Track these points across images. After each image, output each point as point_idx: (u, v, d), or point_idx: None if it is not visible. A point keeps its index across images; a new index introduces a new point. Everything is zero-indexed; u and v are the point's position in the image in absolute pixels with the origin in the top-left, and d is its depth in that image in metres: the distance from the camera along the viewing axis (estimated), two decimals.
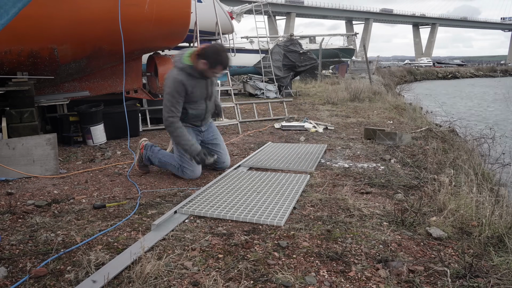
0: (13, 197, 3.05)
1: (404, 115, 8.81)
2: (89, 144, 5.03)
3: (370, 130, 5.36)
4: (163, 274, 1.86)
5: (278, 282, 1.81)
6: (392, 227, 2.45)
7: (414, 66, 56.86)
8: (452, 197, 2.79)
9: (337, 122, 6.89)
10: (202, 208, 2.68)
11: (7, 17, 1.87)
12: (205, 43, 7.95)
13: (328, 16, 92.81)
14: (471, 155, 4.86)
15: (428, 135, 5.82)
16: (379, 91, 12.53)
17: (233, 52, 10.74)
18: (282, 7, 72.81)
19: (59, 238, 2.29)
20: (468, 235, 2.40)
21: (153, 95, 6.39)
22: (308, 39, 24.09)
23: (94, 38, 4.72)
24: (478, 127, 6.78)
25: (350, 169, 3.81)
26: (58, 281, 1.82)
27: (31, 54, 4.35)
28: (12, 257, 2.06)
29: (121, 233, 2.36)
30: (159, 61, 6.13)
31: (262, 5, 16.46)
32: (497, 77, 45.52)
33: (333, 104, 9.74)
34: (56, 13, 4.31)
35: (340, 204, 2.84)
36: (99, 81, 5.63)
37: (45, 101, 4.81)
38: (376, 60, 32.16)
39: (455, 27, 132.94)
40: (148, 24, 5.04)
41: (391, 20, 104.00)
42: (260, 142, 5.24)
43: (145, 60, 6.51)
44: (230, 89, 7.14)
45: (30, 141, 3.71)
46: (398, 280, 1.86)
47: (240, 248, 2.15)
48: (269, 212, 2.61)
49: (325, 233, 2.34)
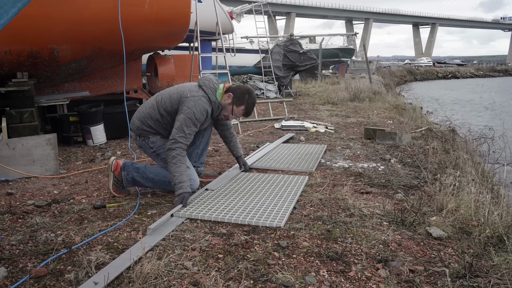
0: (13, 197, 3.06)
1: (404, 115, 8.81)
2: (89, 144, 5.03)
3: (370, 130, 5.36)
4: (163, 274, 1.86)
5: (278, 282, 1.81)
6: (392, 227, 2.45)
7: (414, 66, 56.83)
8: (452, 197, 2.79)
9: (337, 122, 6.89)
10: (200, 211, 2.63)
11: (7, 17, 1.87)
12: (205, 43, 7.97)
13: (328, 16, 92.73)
14: (471, 155, 4.86)
15: (428, 135, 5.82)
16: (379, 91, 12.53)
17: (233, 52, 10.74)
18: (282, 7, 72.79)
19: (59, 238, 2.29)
20: (468, 235, 2.40)
21: (153, 95, 6.39)
22: (308, 39, 24.09)
23: (94, 38, 4.72)
24: (478, 127, 6.77)
25: (350, 169, 3.81)
26: (58, 281, 1.82)
27: (31, 54, 4.35)
28: (12, 257, 2.06)
29: (121, 233, 2.36)
30: (159, 61, 6.13)
31: (262, 5, 16.46)
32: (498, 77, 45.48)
33: (333, 104, 9.73)
34: (56, 13, 4.31)
35: (340, 204, 2.84)
36: (99, 81, 5.63)
37: (45, 101, 4.81)
38: (376, 60, 32.14)
39: (455, 27, 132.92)
40: (148, 24, 5.04)
41: (391, 20, 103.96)
42: (260, 142, 5.24)
43: (145, 60, 6.52)
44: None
45: (30, 141, 3.71)
46: (398, 280, 1.86)
47: (240, 248, 2.15)
48: (268, 213, 2.59)
49: (325, 233, 2.34)
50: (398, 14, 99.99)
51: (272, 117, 7.45)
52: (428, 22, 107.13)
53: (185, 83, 3.22)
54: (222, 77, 9.29)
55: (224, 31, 8.98)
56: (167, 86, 6.16)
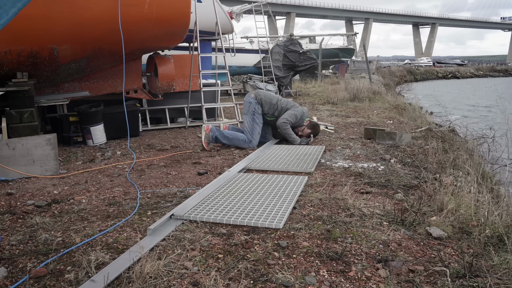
0: (13, 197, 3.06)
1: (404, 115, 8.81)
2: (89, 144, 5.03)
3: (370, 130, 5.36)
4: (163, 274, 1.86)
5: (278, 282, 1.81)
6: (392, 226, 2.45)
7: (414, 66, 56.81)
8: (452, 197, 2.79)
9: (337, 122, 6.89)
10: (199, 212, 2.62)
11: (6, 17, 1.87)
12: (205, 43, 7.96)
13: (328, 16, 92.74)
14: (470, 155, 4.86)
15: (428, 135, 5.81)
16: (379, 91, 12.53)
17: (233, 52, 10.74)
18: (282, 7, 72.78)
19: (59, 238, 2.29)
20: (468, 235, 2.40)
21: (153, 95, 6.39)
22: (308, 39, 24.09)
23: (94, 38, 4.72)
24: (478, 126, 6.75)
25: (350, 169, 3.80)
26: (58, 281, 1.82)
27: (31, 54, 4.35)
28: (12, 257, 2.07)
29: (121, 234, 2.36)
30: (159, 61, 6.13)
31: (262, 5, 16.46)
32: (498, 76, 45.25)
33: (333, 104, 9.73)
34: (56, 13, 4.31)
35: (340, 204, 2.84)
36: (99, 81, 5.63)
37: (45, 101, 4.81)
38: (376, 60, 32.15)
39: (455, 27, 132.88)
40: (148, 24, 5.04)
41: (391, 20, 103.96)
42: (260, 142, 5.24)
43: (145, 60, 6.51)
44: (230, 89, 7.14)
45: (30, 141, 3.71)
46: (398, 280, 1.86)
47: (240, 248, 2.15)
48: (267, 214, 2.58)
49: (325, 233, 2.34)
50: (398, 14, 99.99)
51: None
52: (428, 22, 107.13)
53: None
54: (221, 77, 9.28)
55: (224, 31, 8.97)
56: (167, 86, 6.16)
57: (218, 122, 6.27)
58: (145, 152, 4.72)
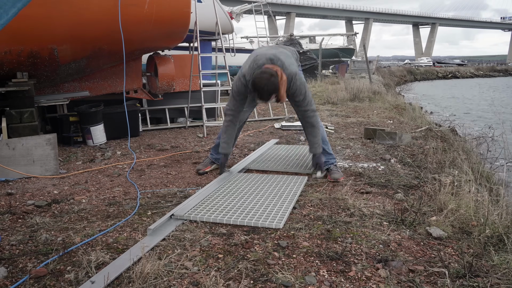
0: (13, 197, 3.06)
1: (404, 114, 8.80)
2: (89, 144, 5.03)
3: (370, 129, 5.36)
4: (163, 274, 1.86)
5: (278, 282, 1.81)
6: (392, 226, 2.45)
7: (414, 65, 56.80)
8: (452, 197, 2.79)
9: (337, 122, 6.89)
10: (199, 212, 2.62)
11: (6, 17, 1.87)
12: (205, 43, 7.97)
13: (328, 16, 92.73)
14: (469, 155, 4.86)
15: (428, 135, 5.82)
16: (379, 91, 12.52)
17: (233, 52, 10.74)
18: (282, 7, 72.79)
19: (59, 238, 2.29)
20: (468, 235, 2.40)
21: (153, 95, 6.39)
22: (308, 39, 24.11)
23: (94, 38, 4.72)
24: (478, 126, 6.75)
25: (350, 169, 3.81)
26: (58, 281, 1.82)
27: (31, 54, 4.35)
28: (12, 257, 2.07)
29: (121, 234, 2.36)
30: (159, 61, 6.12)
31: (262, 5, 16.47)
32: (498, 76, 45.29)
33: (333, 104, 9.73)
34: (56, 13, 4.30)
35: (340, 204, 2.84)
36: (99, 81, 5.63)
37: (45, 101, 4.81)
38: (376, 60, 32.14)
39: (455, 26, 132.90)
40: (148, 24, 5.04)
41: (391, 20, 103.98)
42: (260, 142, 5.24)
43: (145, 60, 6.51)
44: (230, 89, 7.13)
45: (30, 141, 3.71)
46: (398, 280, 1.86)
47: (240, 248, 2.15)
48: (267, 214, 2.58)
49: (325, 233, 2.34)
50: (398, 14, 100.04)
51: (272, 117, 7.46)
52: (428, 22, 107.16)
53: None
54: (222, 77, 9.29)
55: (224, 31, 8.97)
56: (167, 86, 6.16)
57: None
58: (145, 152, 4.72)
